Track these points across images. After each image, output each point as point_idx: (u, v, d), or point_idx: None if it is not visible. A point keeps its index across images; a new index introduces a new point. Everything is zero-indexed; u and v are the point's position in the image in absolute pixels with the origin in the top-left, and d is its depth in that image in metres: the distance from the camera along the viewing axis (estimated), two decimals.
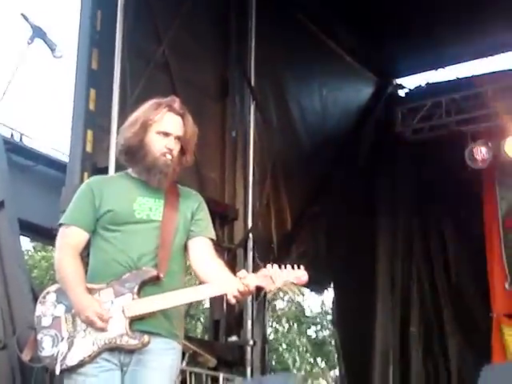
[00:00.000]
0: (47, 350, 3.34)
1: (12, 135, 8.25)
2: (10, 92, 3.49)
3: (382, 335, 9.79)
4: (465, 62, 10.09)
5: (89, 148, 6.34)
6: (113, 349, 3.30)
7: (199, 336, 13.12)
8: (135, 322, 3.31)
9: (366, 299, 9.65)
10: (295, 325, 20.08)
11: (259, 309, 8.04)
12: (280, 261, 3.41)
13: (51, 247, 14.48)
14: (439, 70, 10.29)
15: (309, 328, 20.41)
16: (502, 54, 9.89)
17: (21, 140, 8.36)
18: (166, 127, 3.52)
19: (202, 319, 17.31)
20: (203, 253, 3.53)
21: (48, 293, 3.44)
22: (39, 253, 17.76)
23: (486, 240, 9.55)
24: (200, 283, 3.49)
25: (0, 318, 5.77)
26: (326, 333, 19.63)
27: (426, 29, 8.97)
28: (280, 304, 20.13)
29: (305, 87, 9.19)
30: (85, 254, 3.55)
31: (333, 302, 10.12)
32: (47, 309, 3.40)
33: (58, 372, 3.28)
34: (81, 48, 6.51)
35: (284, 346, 19.49)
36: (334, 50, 9.54)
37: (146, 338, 3.29)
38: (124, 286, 3.34)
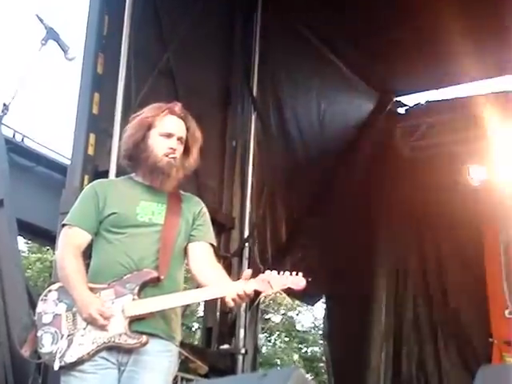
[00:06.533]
0: (47, 346, 3.38)
1: (14, 135, 8.28)
2: (20, 93, 3.54)
3: (376, 352, 9.81)
4: (466, 82, 10.15)
5: (91, 151, 6.37)
6: (111, 348, 3.35)
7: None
8: (134, 322, 3.36)
9: (359, 314, 9.67)
10: (292, 340, 20.09)
11: (251, 318, 8.07)
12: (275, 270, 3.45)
13: (47, 249, 14.52)
14: (440, 89, 10.36)
15: (301, 343, 20.41)
16: (502, 77, 9.97)
17: (22, 141, 8.39)
18: (167, 128, 3.58)
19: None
20: (203, 257, 3.59)
21: (50, 291, 3.49)
22: (34, 254, 17.76)
23: (486, 264, 9.55)
24: (197, 287, 3.54)
25: None
26: (317, 349, 19.62)
27: (429, 48, 9.04)
28: (275, 318, 20.14)
29: (303, 99, 9.21)
30: (86, 256, 3.60)
31: (324, 315, 10.14)
32: (48, 306, 3.45)
33: (56, 368, 3.33)
34: (87, 52, 6.55)
35: (279, 361, 19.46)
36: (335, 64, 9.58)
37: (144, 338, 3.34)
38: (125, 287, 3.39)
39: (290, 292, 3.36)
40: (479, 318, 9.50)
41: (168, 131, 3.58)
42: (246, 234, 8.03)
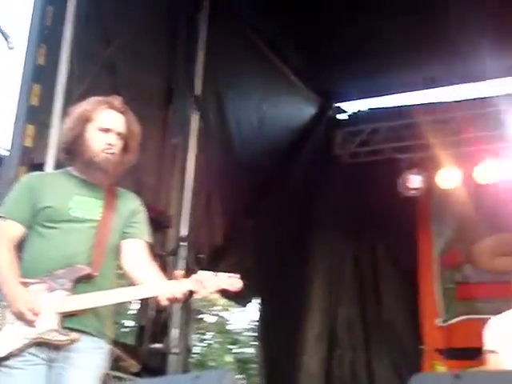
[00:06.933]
0: None
1: None
2: None
3: (309, 355, 9.86)
4: (407, 91, 10.27)
5: (28, 143, 6.27)
6: (41, 344, 3.30)
7: None
8: (65, 318, 3.32)
9: (294, 317, 9.70)
10: (225, 341, 20.04)
11: (184, 318, 8.03)
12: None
13: None
14: (382, 97, 10.46)
15: (234, 344, 20.39)
16: (444, 87, 10.13)
17: None
18: (106, 123, 3.54)
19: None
20: (137, 255, 3.56)
21: None
22: None
23: (419, 272, 9.69)
24: (130, 285, 3.51)
25: None
26: (250, 350, 19.58)
27: (372, 56, 9.11)
28: (209, 318, 20.06)
29: (245, 100, 9.18)
30: (19, 249, 3.54)
31: (258, 317, 10.14)
32: None
33: None
34: (29, 42, 6.45)
35: (213, 362, 19.39)
36: (278, 67, 9.60)
37: (74, 335, 3.30)
38: (57, 282, 3.34)
39: (222, 293, 3.35)
40: (412, 325, 9.63)
41: (106, 126, 3.53)
42: (183, 233, 8.00)
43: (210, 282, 3.31)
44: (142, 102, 7.40)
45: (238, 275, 3.34)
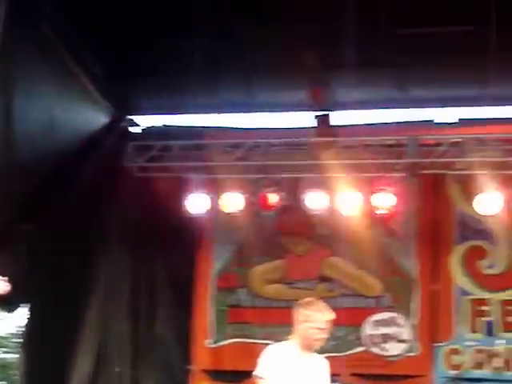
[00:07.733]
0: None
1: None
2: None
3: (76, 367, 9.69)
4: (203, 113, 10.39)
5: None
6: None
7: None
8: None
9: (65, 328, 9.48)
10: None
11: None
12: None
13: None
14: (177, 115, 10.53)
15: None
16: (241, 114, 10.39)
17: None
18: None
19: None
20: None
21: None
22: None
23: (194, 292, 9.80)
24: None
25: None
26: (14, 356, 18.98)
27: (171, 74, 9.20)
28: None
29: (35, 101, 8.87)
30: None
31: (26, 324, 9.84)
32: None
33: None
34: None
35: None
36: (74, 72, 9.37)
37: None
38: None
39: None
40: (183, 344, 9.75)
41: None
42: None
43: None
44: None
45: (6, 278, 3.23)
